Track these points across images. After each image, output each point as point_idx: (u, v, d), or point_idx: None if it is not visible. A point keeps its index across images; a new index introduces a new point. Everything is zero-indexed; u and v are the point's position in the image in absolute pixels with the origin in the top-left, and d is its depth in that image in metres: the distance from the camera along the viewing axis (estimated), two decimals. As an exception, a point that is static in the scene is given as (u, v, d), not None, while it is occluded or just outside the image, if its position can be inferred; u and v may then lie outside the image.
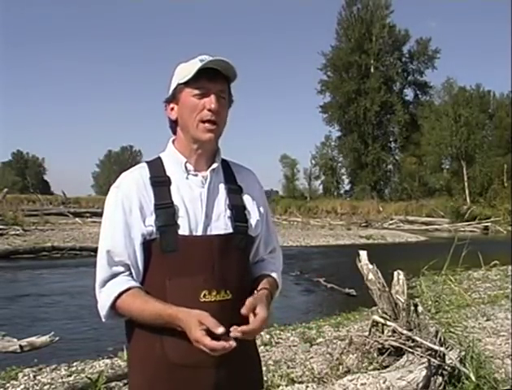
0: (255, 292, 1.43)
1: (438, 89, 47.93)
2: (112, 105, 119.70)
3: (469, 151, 42.23)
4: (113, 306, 1.36)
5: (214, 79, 1.40)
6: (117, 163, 79.03)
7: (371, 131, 47.57)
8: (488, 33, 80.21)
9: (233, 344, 1.26)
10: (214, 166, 1.47)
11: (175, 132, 1.50)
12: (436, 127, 43.21)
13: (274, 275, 1.54)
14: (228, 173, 1.51)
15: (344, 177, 53.33)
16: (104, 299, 1.37)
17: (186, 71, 1.41)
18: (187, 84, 1.40)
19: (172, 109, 1.46)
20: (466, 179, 41.75)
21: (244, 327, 1.29)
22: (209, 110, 1.39)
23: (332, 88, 48.79)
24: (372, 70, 47.96)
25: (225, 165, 1.52)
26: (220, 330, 1.24)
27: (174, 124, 1.49)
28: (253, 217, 1.48)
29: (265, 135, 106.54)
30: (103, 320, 1.41)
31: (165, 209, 1.37)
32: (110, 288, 1.37)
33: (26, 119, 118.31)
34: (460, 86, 44.57)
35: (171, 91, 1.46)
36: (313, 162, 53.87)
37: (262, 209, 1.53)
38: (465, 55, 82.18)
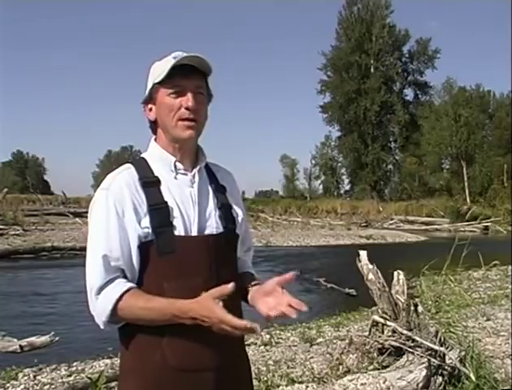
0: (251, 287, 1.45)
1: (438, 89, 48.08)
2: (112, 105, 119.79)
3: (469, 151, 42.26)
4: (113, 310, 1.31)
5: (189, 75, 1.37)
6: (117, 163, 76.32)
7: (371, 131, 47.58)
8: (488, 33, 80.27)
9: (257, 326, 1.21)
10: (201, 164, 1.46)
11: (155, 132, 1.47)
12: (436, 127, 43.22)
13: (253, 272, 1.57)
14: (210, 173, 1.50)
15: (344, 177, 53.55)
16: (103, 304, 1.31)
17: (160, 69, 1.37)
18: (162, 83, 1.37)
19: (151, 109, 1.43)
20: (466, 179, 41.77)
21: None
22: (186, 108, 1.36)
23: (332, 88, 48.82)
24: (372, 70, 47.96)
25: (205, 165, 1.51)
26: (230, 286, 1.21)
27: (154, 125, 1.46)
28: (239, 215, 1.49)
29: (265, 135, 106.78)
30: (102, 327, 1.35)
31: (159, 209, 1.34)
32: (109, 292, 1.31)
33: (26, 119, 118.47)
34: (460, 86, 44.68)
35: (147, 91, 1.42)
36: (313, 162, 54.06)
37: (242, 208, 1.54)
38: (465, 55, 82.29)
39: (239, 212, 1.50)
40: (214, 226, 1.41)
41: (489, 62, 78.69)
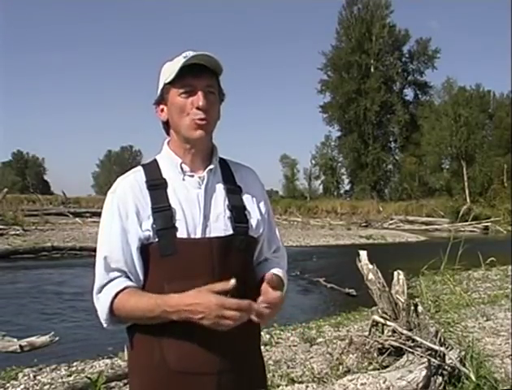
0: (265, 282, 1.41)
1: (438, 89, 48.06)
2: (112, 104, 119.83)
3: (469, 151, 42.25)
4: (111, 309, 1.34)
5: (200, 75, 1.36)
6: (117, 163, 79.05)
7: (371, 131, 47.59)
8: (488, 33, 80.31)
9: (264, 307, 1.25)
10: (211, 166, 1.44)
11: (168, 133, 1.47)
12: (436, 127, 43.22)
13: (279, 272, 1.49)
14: (227, 173, 1.47)
15: (344, 177, 53.50)
16: (102, 303, 1.35)
17: (171, 69, 1.37)
18: (172, 83, 1.37)
19: (162, 110, 1.43)
20: (466, 179, 41.75)
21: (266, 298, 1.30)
22: (197, 108, 1.36)
23: (332, 88, 48.82)
24: (372, 70, 47.97)
25: (224, 164, 1.49)
26: (232, 281, 1.23)
27: (166, 125, 1.46)
28: (254, 217, 1.44)
29: (265, 135, 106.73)
30: (105, 326, 1.38)
31: (162, 212, 1.34)
32: (107, 291, 1.35)
33: (26, 119, 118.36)
34: (460, 86, 44.64)
35: (159, 92, 1.42)
36: (313, 162, 54.01)
37: (263, 208, 1.49)
38: (465, 55, 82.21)
39: (255, 213, 1.45)
40: (222, 228, 1.38)
41: (489, 62, 78.77)
